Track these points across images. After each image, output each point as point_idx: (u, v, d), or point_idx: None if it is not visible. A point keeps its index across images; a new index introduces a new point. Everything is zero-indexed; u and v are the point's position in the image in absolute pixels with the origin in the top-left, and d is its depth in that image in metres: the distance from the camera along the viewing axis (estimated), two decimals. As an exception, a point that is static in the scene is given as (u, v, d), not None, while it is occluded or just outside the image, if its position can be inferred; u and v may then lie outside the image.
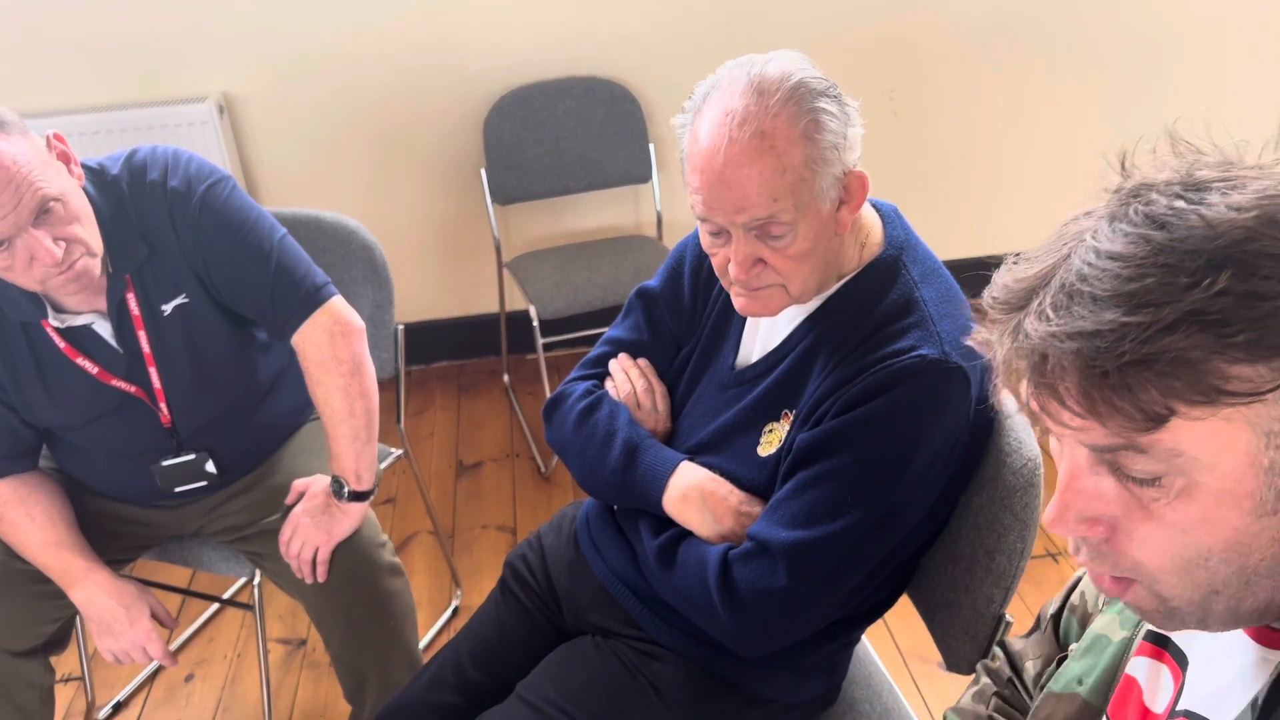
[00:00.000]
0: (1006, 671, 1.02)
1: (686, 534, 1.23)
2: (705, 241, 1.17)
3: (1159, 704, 0.74)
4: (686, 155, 1.13)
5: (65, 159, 1.40)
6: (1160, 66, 3.01)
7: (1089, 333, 0.57)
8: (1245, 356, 0.55)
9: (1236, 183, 0.59)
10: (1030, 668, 0.97)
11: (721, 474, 1.23)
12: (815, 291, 1.19)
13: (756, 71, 1.09)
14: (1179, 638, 0.74)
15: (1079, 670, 0.82)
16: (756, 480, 1.21)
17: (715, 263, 1.18)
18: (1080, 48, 2.97)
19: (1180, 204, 0.58)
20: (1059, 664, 0.89)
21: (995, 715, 1.01)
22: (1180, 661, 0.73)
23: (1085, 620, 0.88)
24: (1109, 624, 0.81)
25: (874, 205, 1.25)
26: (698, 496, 1.22)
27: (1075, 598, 0.91)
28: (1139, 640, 0.77)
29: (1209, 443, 0.58)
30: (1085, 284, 0.58)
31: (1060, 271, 0.60)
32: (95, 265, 1.42)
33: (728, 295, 1.29)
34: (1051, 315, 0.59)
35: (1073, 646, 0.87)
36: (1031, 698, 0.99)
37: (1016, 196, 3.15)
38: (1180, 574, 0.62)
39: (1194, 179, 0.60)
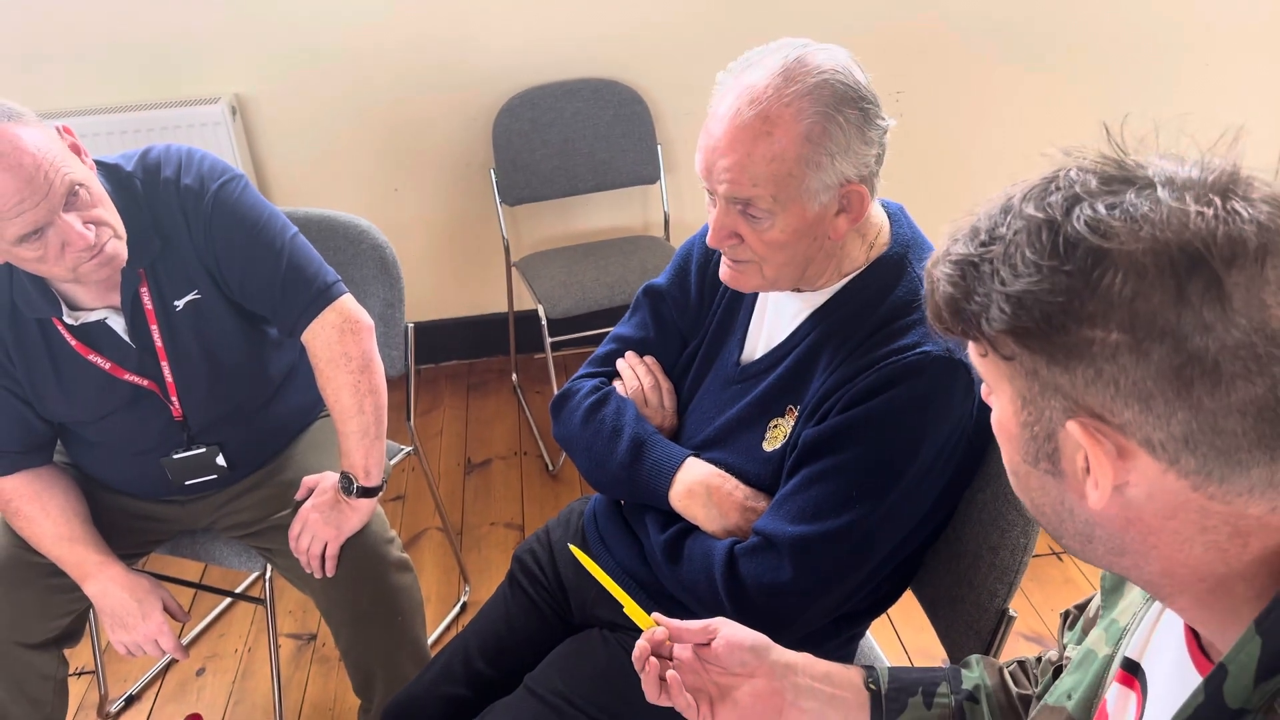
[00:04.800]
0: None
1: (693, 529, 1.24)
2: (706, 199, 1.19)
3: None
4: (710, 111, 1.14)
5: (76, 150, 1.42)
6: (1168, 67, 3.02)
7: (950, 256, 0.67)
8: (1007, 329, 0.64)
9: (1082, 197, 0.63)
10: (1053, 654, 0.99)
11: (727, 469, 1.25)
12: (791, 283, 1.20)
13: (796, 56, 1.10)
14: (1147, 666, 0.76)
15: (1069, 685, 0.84)
16: (762, 475, 1.23)
17: (709, 224, 1.20)
18: (1088, 49, 2.97)
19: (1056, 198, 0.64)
20: (1055, 675, 0.91)
21: (1005, 672, 1.04)
22: (1144, 692, 0.75)
23: (1088, 628, 0.90)
24: (1097, 640, 0.84)
25: (881, 204, 1.26)
26: (703, 492, 1.23)
27: (1090, 605, 0.93)
28: (1117, 664, 0.79)
29: (989, 374, 0.69)
30: (974, 222, 0.67)
31: (976, 216, 0.69)
32: (123, 249, 1.44)
33: (734, 291, 1.31)
34: (946, 243, 0.69)
35: (1068, 653, 0.89)
36: (1031, 677, 1.02)
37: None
38: (1008, 472, 0.73)
39: (1081, 185, 0.64)
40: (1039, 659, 1.04)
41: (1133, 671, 0.78)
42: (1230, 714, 0.61)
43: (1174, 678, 0.72)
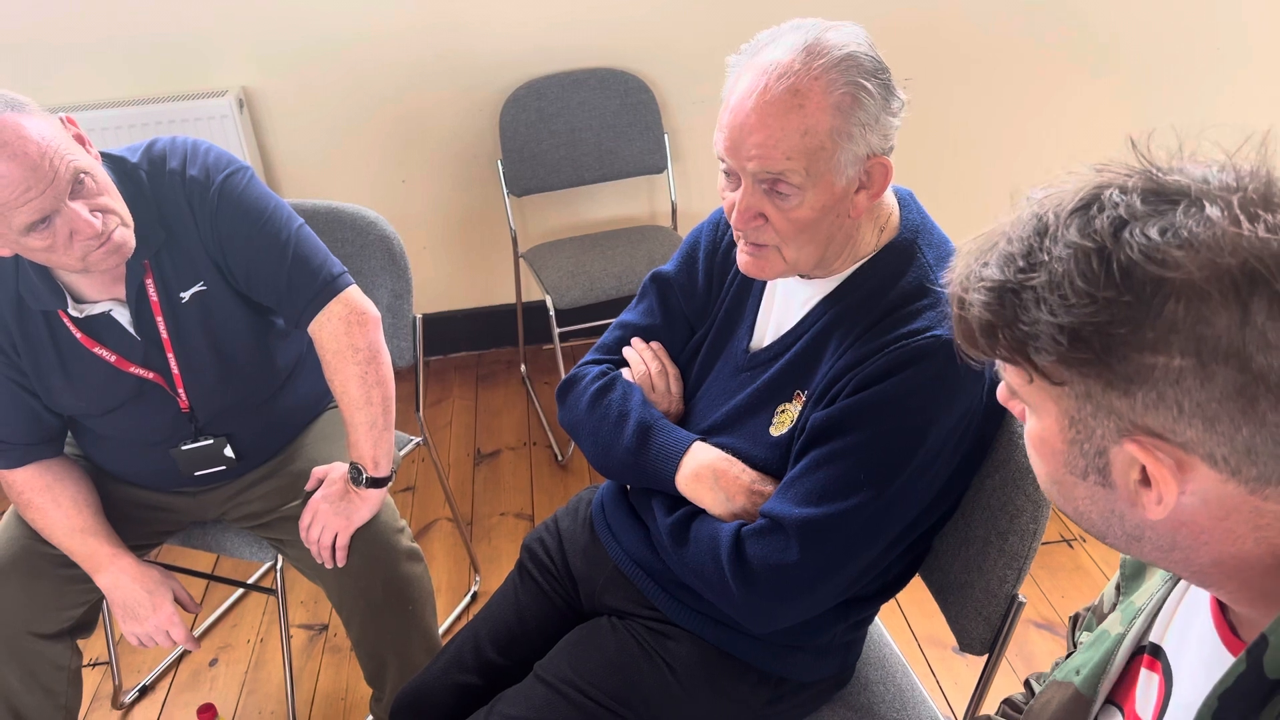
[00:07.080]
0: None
1: (699, 512, 1.24)
2: (720, 182, 1.19)
3: (1147, 716, 0.76)
4: (725, 94, 1.14)
5: (81, 140, 1.42)
6: (1177, 58, 3.00)
7: (983, 281, 0.66)
8: (1060, 360, 0.64)
9: (1136, 217, 0.62)
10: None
11: (734, 454, 1.24)
12: (812, 265, 1.19)
13: (815, 34, 1.10)
14: (1169, 649, 0.77)
15: (1078, 662, 0.85)
16: (768, 460, 1.22)
17: (725, 206, 1.19)
18: (1100, 35, 2.95)
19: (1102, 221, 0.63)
20: (1068, 655, 0.92)
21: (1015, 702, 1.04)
22: (1168, 674, 0.76)
23: (1102, 619, 0.91)
24: (1113, 620, 0.85)
25: (891, 189, 1.25)
26: (710, 475, 1.23)
27: (1097, 599, 0.94)
28: (1129, 643, 0.80)
29: (1032, 396, 0.68)
30: (1007, 245, 0.67)
31: (1006, 236, 0.68)
32: (131, 236, 1.44)
33: (743, 279, 1.30)
34: (973, 263, 0.69)
35: (1082, 638, 0.90)
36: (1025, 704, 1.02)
37: (1032, 185, 3.14)
38: (1044, 482, 0.73)
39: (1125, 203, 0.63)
40: (1028, 683, 1.05)
41: (1155, 655, 0.78)
42: (1269, 685, 0.62)
43: (1202, 658, 0.72)
